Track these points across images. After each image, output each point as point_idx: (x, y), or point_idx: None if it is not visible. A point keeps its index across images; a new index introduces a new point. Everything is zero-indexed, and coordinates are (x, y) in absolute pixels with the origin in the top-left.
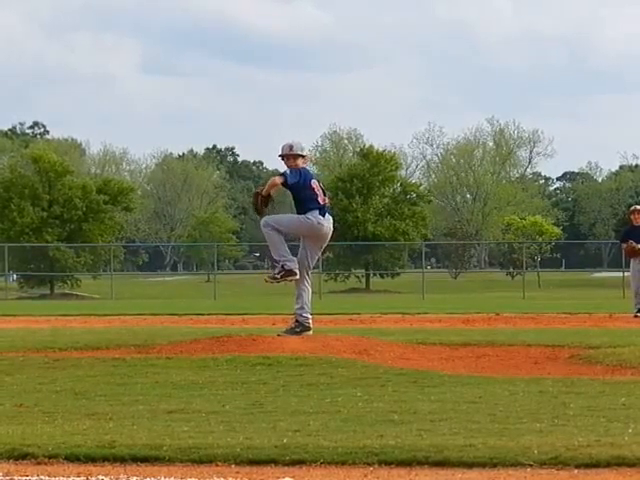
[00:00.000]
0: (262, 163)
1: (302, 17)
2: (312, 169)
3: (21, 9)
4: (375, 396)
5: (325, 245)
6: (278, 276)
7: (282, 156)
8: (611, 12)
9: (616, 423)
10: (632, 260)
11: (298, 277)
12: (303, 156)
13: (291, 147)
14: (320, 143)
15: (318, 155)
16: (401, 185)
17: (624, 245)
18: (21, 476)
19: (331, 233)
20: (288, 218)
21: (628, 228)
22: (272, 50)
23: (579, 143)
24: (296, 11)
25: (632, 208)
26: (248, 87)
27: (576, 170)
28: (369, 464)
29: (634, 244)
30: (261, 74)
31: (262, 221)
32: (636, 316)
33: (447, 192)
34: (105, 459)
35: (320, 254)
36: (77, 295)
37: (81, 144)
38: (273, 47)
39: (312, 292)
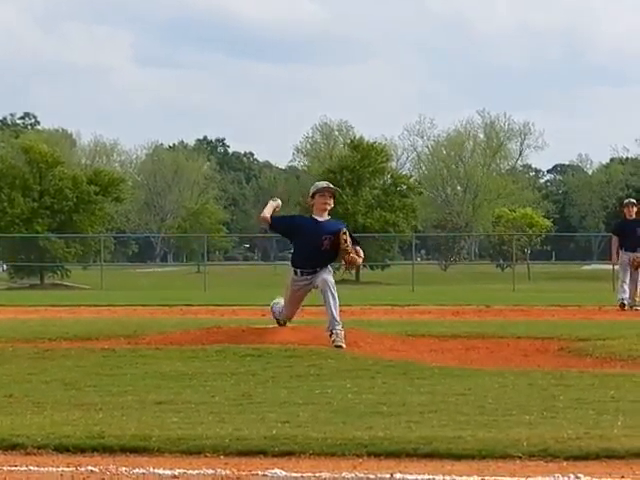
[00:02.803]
0: (252, 154)
1: (296, 10)
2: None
3: (15, 0)
4: (364, 388)
5: None
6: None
7: (319, 192)
8: (604, 5)
9: (605, 416)
10: (621, 252)
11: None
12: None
13: (328, 185)
14: (311, 134)
15: (309, 147)
16: (391, 177)
17: (621, 253)
18: (10, 466)
19: None
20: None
21: (620, 221)
22: (264, 43)
23: (570, 136)
24: (290, 4)
25: (625, 202)
26: (239, 79)
27: (567, 162)
28: (358, 455)
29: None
30: (253, 66)
31: (331, 282)
32: (622, 307)
33: (437, 184)
34: (94, 450)
35: None
36: (67, 285)
37: (72, 135)
38: (266, 40)
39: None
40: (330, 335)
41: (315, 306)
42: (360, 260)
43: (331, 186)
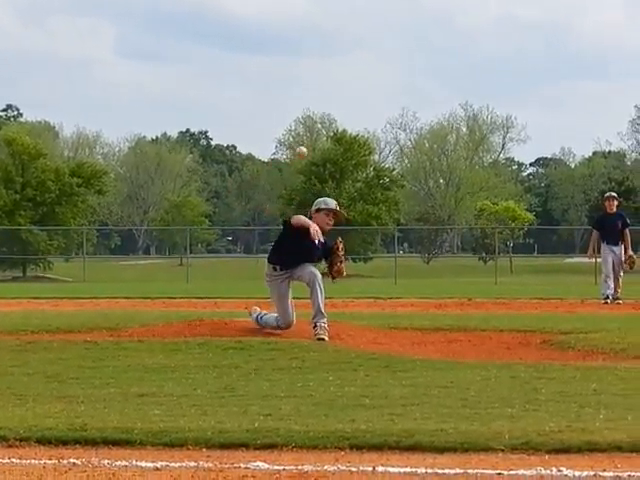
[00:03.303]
0: (235, 147)
1: (280, 2)
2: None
3: None
4: (347, 380)
5: None
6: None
7: (326, 211)
8: None
9: (587, 409)
10: (603, 245)
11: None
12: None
13: (337, 206)
14: (294, 127)
15: (291, 139)
16: (374, 170)
17: (603, 247)
18: None
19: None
20: None
21: (601, 215)
22: (247, 35)
23: (552, 129)
24: None
25: (606, 195)
26: (222, 71)
27: (549, 156)
28: (340, 448)
29: (634, 257)
30: (235, 58)
31: (319, 275)
32: (605, 302)
33: (420, 177)
34: (76, 442)
35: None
36: (49, 278)
37: (54, 127)
38: (249, 32)
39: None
40: (314, 327)
41: (297, 299)
42: (345, 274)
43: (340, 210)
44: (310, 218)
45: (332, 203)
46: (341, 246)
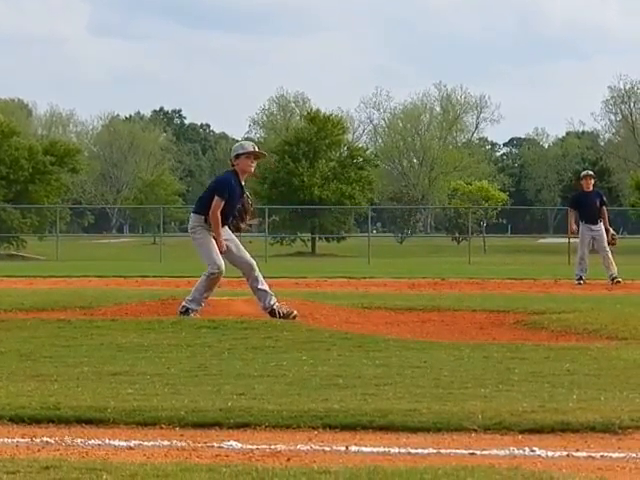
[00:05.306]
0: (209, 126)
1: None
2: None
3: None
4: (320, 360)
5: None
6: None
7: (246, 154)
8: None
9: (560, 389)
10: (581, 224)
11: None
12: None
13: (255, 147)
14: (267, 106)
15: (265, 118)
16: (348, 149)
17: (581, 226)
18: None
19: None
20: None
21: (578, 194)
22: (221, 13)
23: (526, 109)
24: None
25: (583, 174)
26: (196, 50)
27: (523, 136)
28: (314, 428)
29: (616, 236)
30: (209, 37)
31: (254, 261)
32: (579, 283)
33: (394, 156)
34: (50, 421)
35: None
36: (23, 256)
37: (28, 105)
38: (222, 10)
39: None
40: (274, 311)
41: (270, 278)
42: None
43: (260, 150)
44: (233, 166)
45: (249, 145)
46: (251, 208)
